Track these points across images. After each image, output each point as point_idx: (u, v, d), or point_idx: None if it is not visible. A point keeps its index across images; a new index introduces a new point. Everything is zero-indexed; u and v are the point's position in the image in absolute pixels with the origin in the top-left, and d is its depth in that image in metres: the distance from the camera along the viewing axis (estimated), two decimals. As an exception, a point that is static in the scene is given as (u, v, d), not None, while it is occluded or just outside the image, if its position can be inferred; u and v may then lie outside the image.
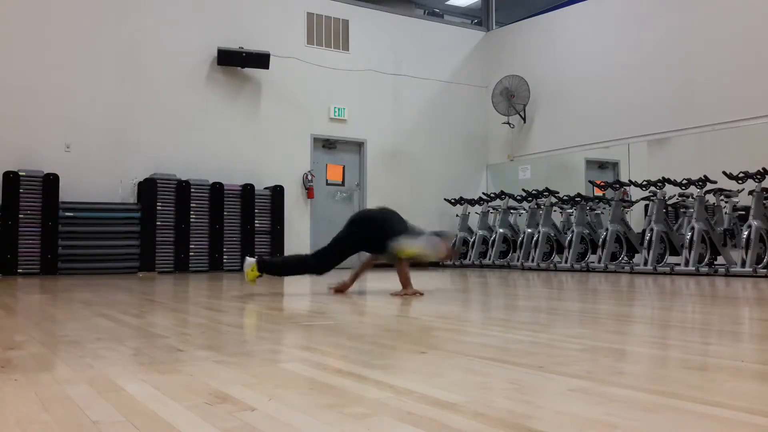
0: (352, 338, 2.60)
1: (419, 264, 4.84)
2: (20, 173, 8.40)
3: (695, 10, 9.57)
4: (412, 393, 1.57)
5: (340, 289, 4.91)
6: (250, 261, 4.81)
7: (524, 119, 11.92)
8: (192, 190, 9.42)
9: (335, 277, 5.26)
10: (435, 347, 2.34)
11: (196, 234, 9.40)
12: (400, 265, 4.65)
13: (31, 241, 8.34)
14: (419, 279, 6.37)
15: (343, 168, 11.49)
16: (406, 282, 4.65)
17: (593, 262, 9.13)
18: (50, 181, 8.53)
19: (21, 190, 8.35)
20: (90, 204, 8.87)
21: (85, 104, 9.26)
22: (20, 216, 8.30)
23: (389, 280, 5.92)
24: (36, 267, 8.33)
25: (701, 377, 1.78)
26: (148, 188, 9.13)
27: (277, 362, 2.04)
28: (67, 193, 8.74)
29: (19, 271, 8.21)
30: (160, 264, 9.06)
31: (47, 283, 6.71)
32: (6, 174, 8.33)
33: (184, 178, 9.44)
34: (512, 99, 11.72)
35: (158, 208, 9.14)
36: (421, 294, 4.61)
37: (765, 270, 7.30)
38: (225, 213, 9.64)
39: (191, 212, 9.39)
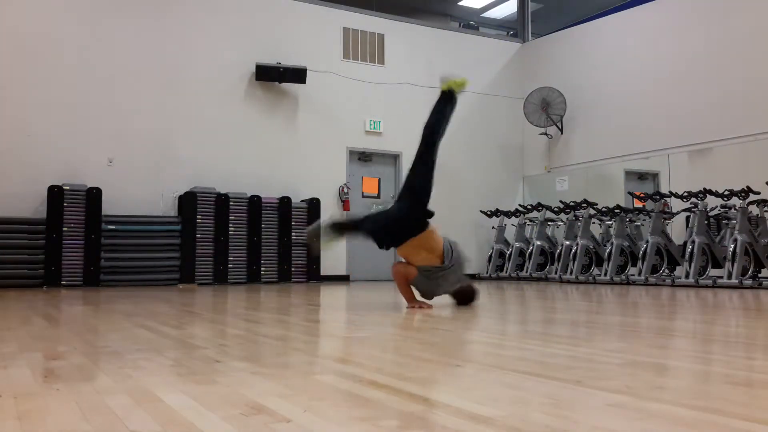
0: (387, 351, 2.59)
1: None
2: (64, 187, 8.62)
3: (736, 18, 9.39)
4: (448, 406, 1.56)
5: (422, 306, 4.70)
6: None
7: (561, 130, 11.81)
8: (230, 203, 9.54)
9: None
10: (470, 360, 2.32)
11: (234, 246, 9.51)
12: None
13: (74, 254, 8.53)
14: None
15: (379, 180, 11.53)
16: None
17: (633, 275, 8.97)
18: (93, 195, 8.72)
19: (65, 204, 8.55)
20: (132, 217, 9.05)
21: (126, 120, 9.47)
22: (64, 229, 8.50)
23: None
24: (79, 279, 8.52)
25: (746, 393, 1.73)
26: (188, 201, 9.28)
27: (312, 374, 2.05)
28: (109, 206, 8.93)
29: (62, 282, 8.40)
30: (199, 276, 9.18)
31: (90, 294, 6.85)
32: (51, 188, 8.55)
33: (223, 192, 9.58)
34: (547, 110, 11.63)
35: (198, 220, 9.28)
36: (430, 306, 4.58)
37: (813, 283, 7.10)
38: (262, 225, 9.74)
39: (230, 225, 9.51)
